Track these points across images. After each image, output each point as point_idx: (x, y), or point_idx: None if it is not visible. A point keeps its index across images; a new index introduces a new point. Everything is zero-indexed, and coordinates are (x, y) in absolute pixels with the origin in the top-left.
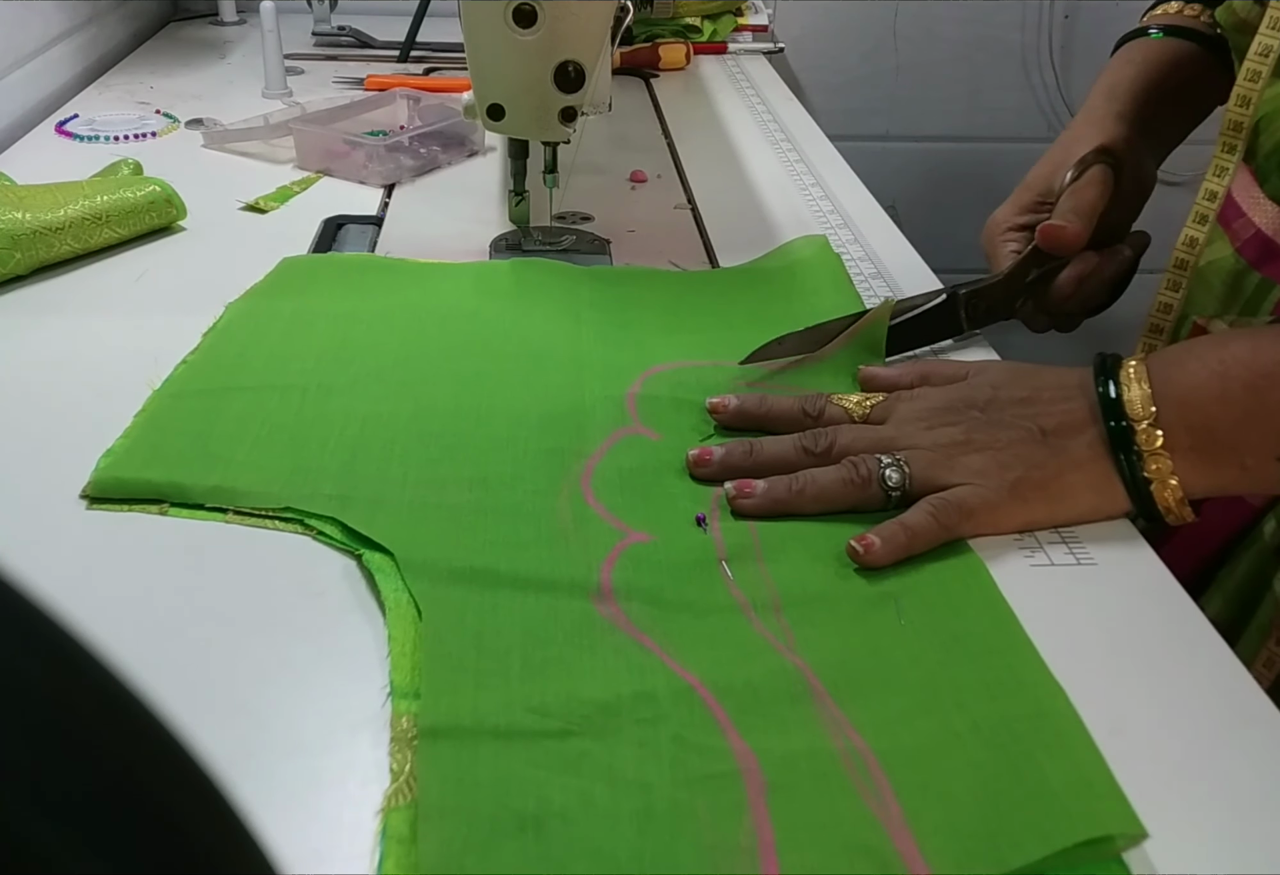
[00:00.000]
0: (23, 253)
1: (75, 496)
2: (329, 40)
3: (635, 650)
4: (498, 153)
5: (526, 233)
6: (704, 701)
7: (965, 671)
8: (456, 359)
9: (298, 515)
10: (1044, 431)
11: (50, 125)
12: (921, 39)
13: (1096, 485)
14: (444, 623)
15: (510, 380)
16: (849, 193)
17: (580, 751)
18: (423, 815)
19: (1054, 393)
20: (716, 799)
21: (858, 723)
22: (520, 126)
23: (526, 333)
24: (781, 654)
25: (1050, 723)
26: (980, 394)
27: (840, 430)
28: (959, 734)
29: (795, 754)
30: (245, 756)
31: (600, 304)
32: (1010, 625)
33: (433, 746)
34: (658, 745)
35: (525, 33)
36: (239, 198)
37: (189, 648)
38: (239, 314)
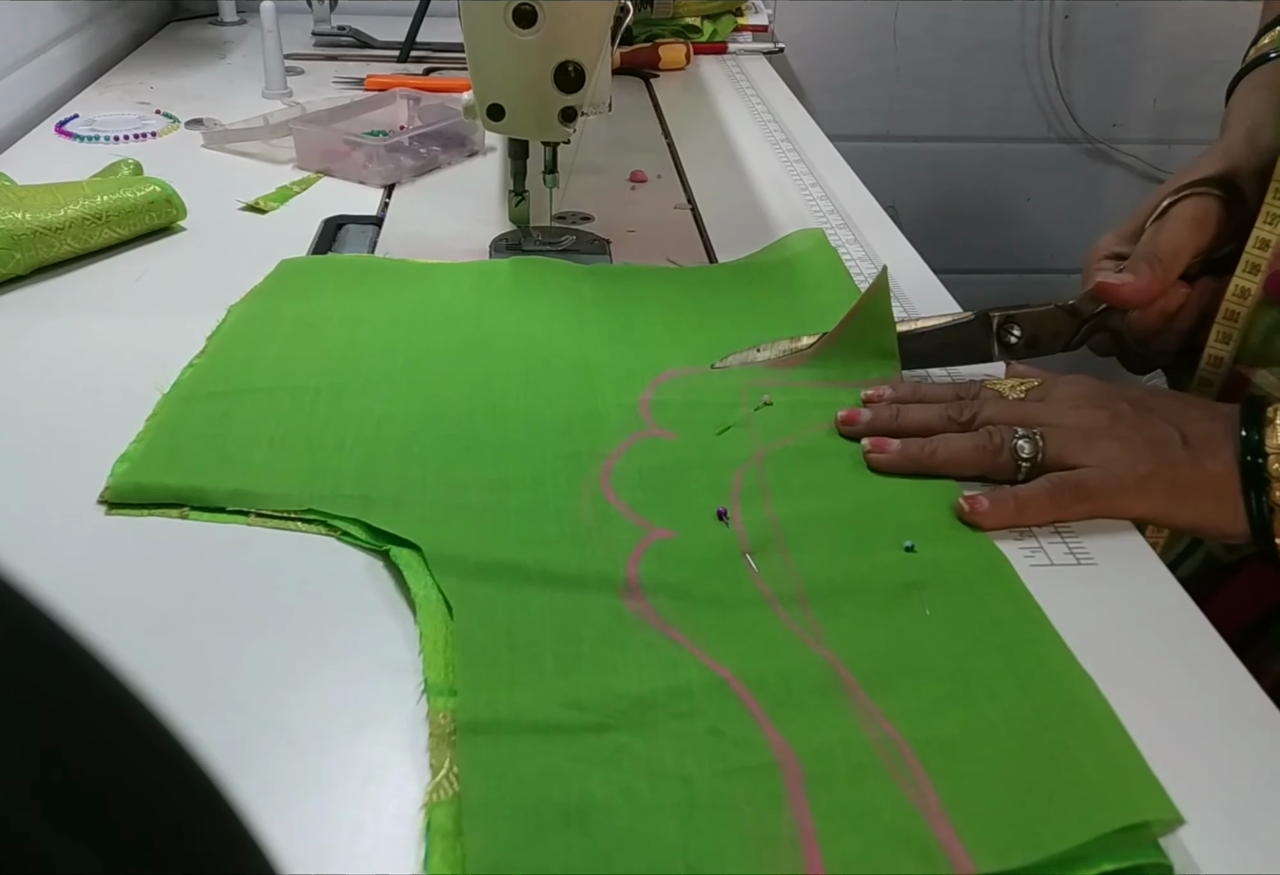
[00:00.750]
0: (23, 253)
1: (90, 501)
2: (329, 40)
3: (666, 644)
4: (498, 153)
5: (526, 233)
6: (738, 694)
7: (994, 661)
8: (465, 359)
9: (321, 516)
10: (1185, 438)
11: (50, 125)
12: (921, 39)
13: (1222, 499)
14: (475, 619)
15: (521, 382)
16: (849, 193)
17: (619, 745)
18: (467, 810)
19: (1204, 411)
20: (756, 790)
21: (890, 713)
22: (520, 127)
23: (532, 332)
24: (810, 646)
25: (1082, 711)
26: (1131, 391)
27: (986, 402)
28: (992, 723)
29: (830, 745)
30: (246, 756)
31: (602, 302)
32: (1036, 616)
33: (473, 742)
34: (695, 738)
35: (525, 33)
36: (239, 198)
37: (205, 650)
38: (242, 316)
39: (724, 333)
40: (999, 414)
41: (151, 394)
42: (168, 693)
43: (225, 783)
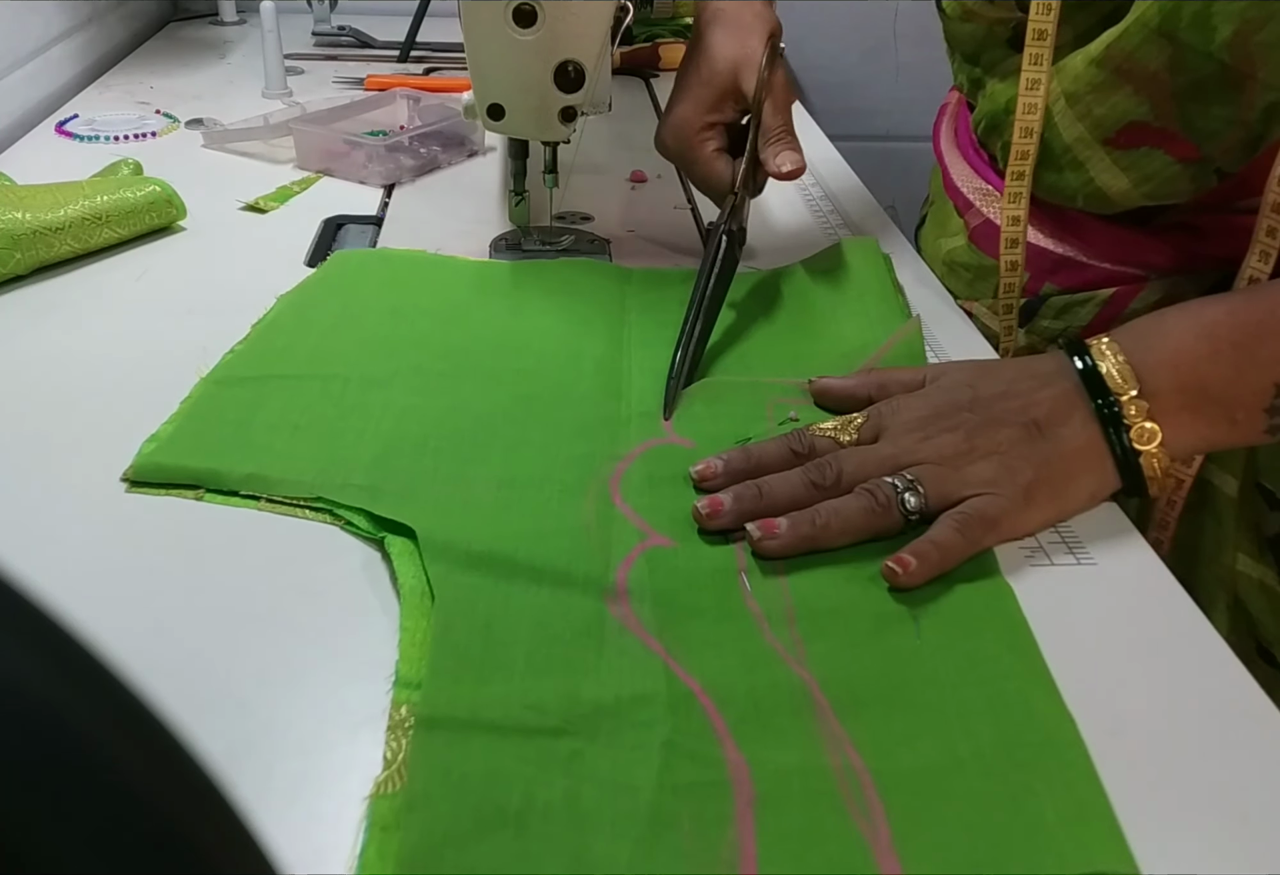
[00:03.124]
0: (23, 252)
1: (115, 479)
2: (329, 40)
3: (641, 652)
4: (497, 153)
5: (526, 233)
6: (704, 708)
7: (975, 694)
8: (495, 357)
9: (327, 505)
10: (1038, 423)
11: (50, 125)
12: (922, 39)
13: (1092, 466)
14: (455, 610)
15: (547, 382)
16: (849, 193)
17: (572, 751)
18: (408, 804)
19: (1030, 383)
20: (702, 808)
21: (858, 740)
22: (520, 126)
23: (568, 333)
24: (789, 665)
25: (1054, 753)
26: (960, 395)
27: (841, 457)
28: (961, 759)
29: (789, 768)
30: (245, 755)
31: (644, 306)
32: (1028, 650)
33: (427, 736)
34: (650, 749)
35: (525, 32)
36: (239, 198)
37: (204, 647)
38: (289, 306)
39: (760, 344)
40: (861, 466)
41: (146, 392)
42: (166, 690)
43: (224, 782)
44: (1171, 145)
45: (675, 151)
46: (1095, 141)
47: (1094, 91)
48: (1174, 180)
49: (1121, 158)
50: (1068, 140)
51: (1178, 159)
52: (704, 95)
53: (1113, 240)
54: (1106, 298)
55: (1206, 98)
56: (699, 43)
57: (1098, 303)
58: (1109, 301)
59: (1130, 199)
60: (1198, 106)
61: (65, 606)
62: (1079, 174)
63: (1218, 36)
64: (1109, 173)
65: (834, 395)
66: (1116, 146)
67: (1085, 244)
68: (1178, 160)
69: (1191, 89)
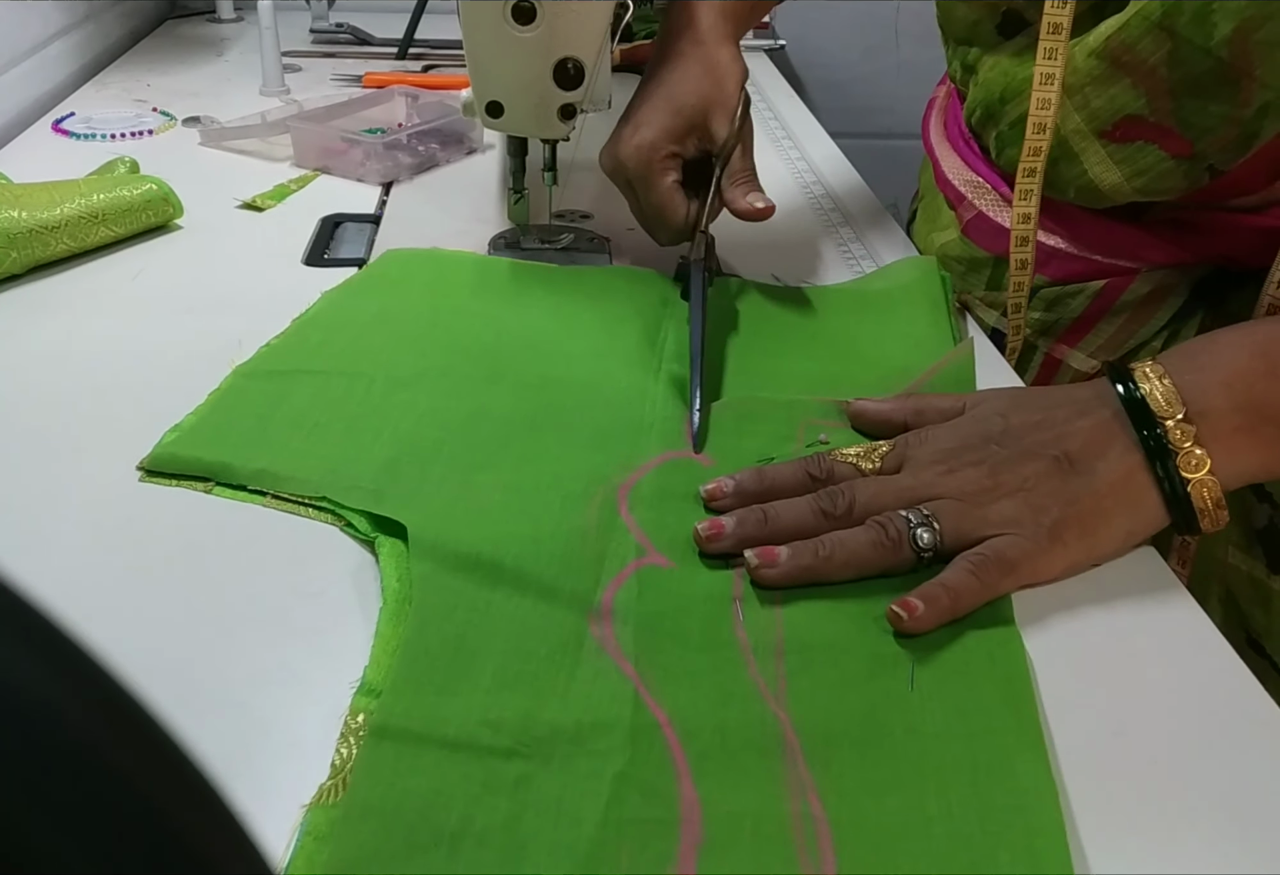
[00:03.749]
0: (19, 251)
1: (132, 468)
2: (327, 37)
3: (614, 677)
4: (496, 150)
5: (525, 231)
6: (666, 741)
7: (958, 749)
8: (525, 361)
9: (331, 506)
10: (1070, 457)
11: (47, 123)
12: (923, 36)
13: (1130, 503)
14: (432, 614)
15: (574, 389)
16: (850, 191)
17: (521, 774)
18: (345, 815)
19: (1068, 410)
20: (645, 845)
21: (823, 788)
22: (519, 124)
23: (604, 339)
24: (766, 702)
25: (1026, 819)
26: (992, 425)
27: (856, 486)
28: (928, 818)
29: (744, 811)
30: (242, 757)
31: (685, 319)
32: (1024, 706)
33: (376, 747)
34: (601, 779)
35: (524, 30)
36: (236, 196)
37: (185, 640)
38: (330, 302)
39: (799, 363)
40: (876, 497)
41: (145, 391)
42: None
43: (222, 785)
44: (1166, 141)
45: (635, 173)
46: (1091, 133)
47: (1093, 83)
48: (1166, 176)
49: (1116, 151)
50: (1064, 131)
51: (1171, 155)
52: (673, 126)
53: (1104, 233)
54: (1098, 290)
55: (1203, 94)
56: (671, 73)
57: (1089, 295)
58: (1100, 293)
59: (1122, 193)
60: (1194, 102)
61: (57, 602)
62: (1072, 166)
63: (1217, 33)
64: (1102, 165)
65: (869, 419)
66: (1112, 140)
67: (1076, 236)
68: (1171, 156)
69: (1189, 84)
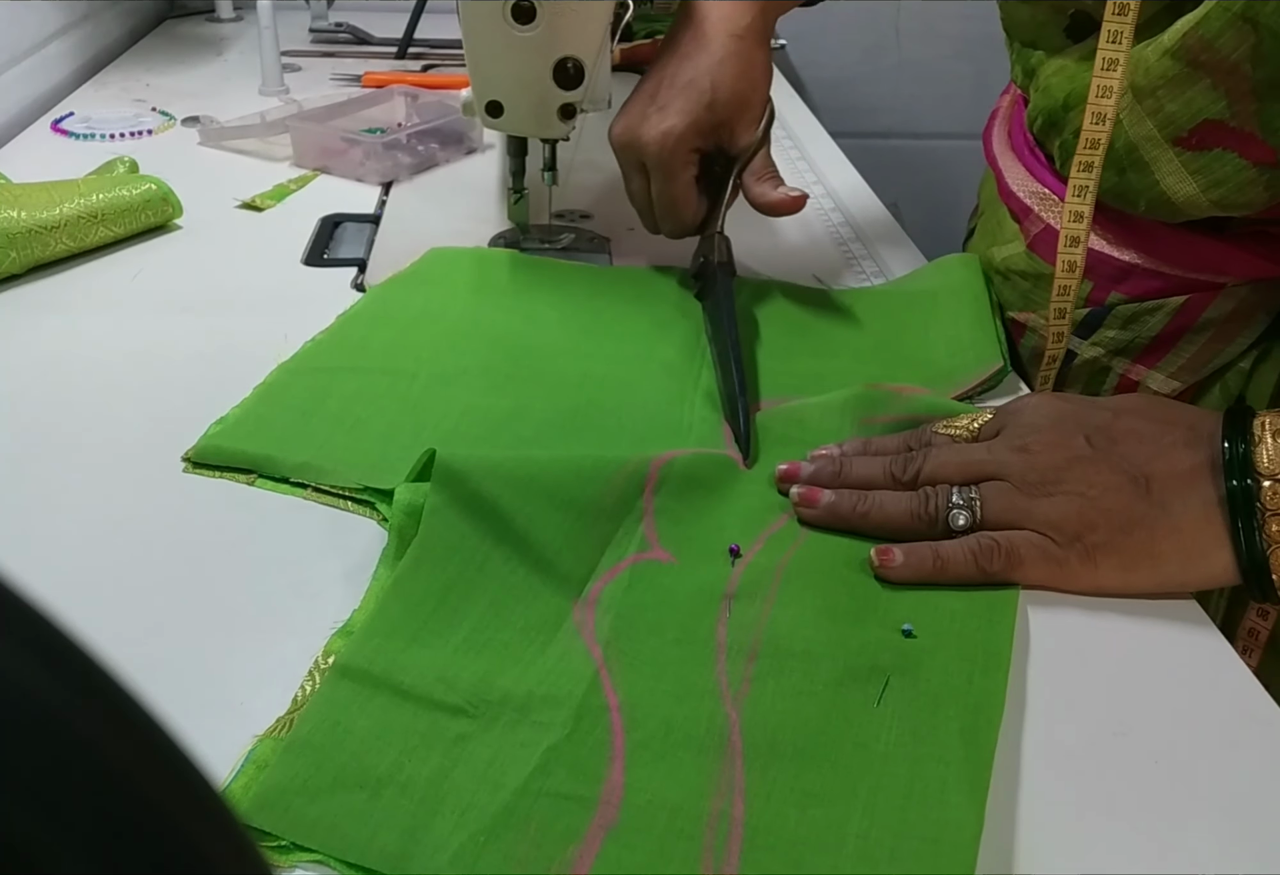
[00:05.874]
0: (18, 251)
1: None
2: (326, 37)
3: (580, 658)
4: (496, 150)
5: (525, 231)
6: (610, 725)
7: (899, 771)
8: (566, 360)
9: (371, 497)
10: (1150, 481)
11: (46, 123)
12: (923, 35)
13: (1191, 553)
14: (428, 557)
15: (614, 388)
16: (851, 190)
17: (460, 733)
18: (287, 746)
19: (1181, 435)
20: (555, 819)
21: (752, 792)
22: (519, 124)
23: (645, 340)
24: (722, 701)
25: (938, 853)
26: (1097, 416)
27: (930, 454)
28: (845, 837)
29: (663, 802)
30: (241, 757)
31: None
32: (982, 743)
33: (334, 685)
34: (534, 750)
35: (524, 29)
36: (235, 196)
37: (204, 645)
38: (375, 299)
39: (842, 364)
40: (940, 468)
41: (144, 391)
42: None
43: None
44: (1247, 147)
45: (655, 160)
46: (1165, 141)
47: (1166, 85)
48: (1246, 187)
49: (1191, 160)
50: (1133, 138)
51: (1253, 163)
52: (703, 121)
53: (1183, 246)
54: (1178, 306)
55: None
56: (705, 61)
57: (1168, 311)
58: (1180, 310)
59: (1197, 206)
60: (1279, 105)
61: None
62: (1143, 176)
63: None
64: (1176, 176)
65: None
66: (1187, 147)
67: (1153, 250)
68: (1253, 164)
69: (1274, 83)
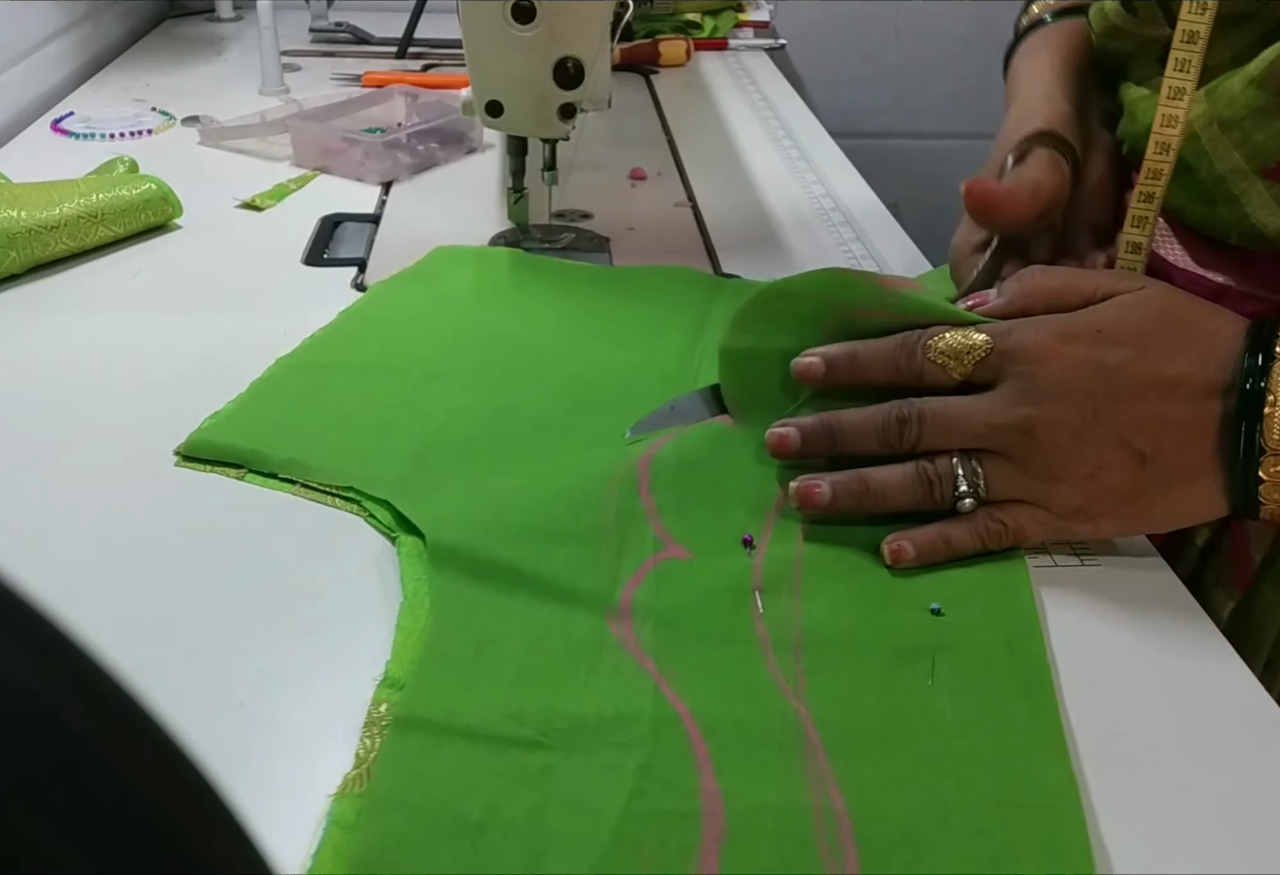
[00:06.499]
0: (18, 251)
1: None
2: (326, 37)
3: (633, 672)
4: (496, 150)
5: (525, 231)
6: (688, 734)
7: (979, 746)
8: (560, 361)
9: (356, 496)
10: (1155, 451)
11: (46, 123)
12: (924, 35)
13: (1183, 503)
14: (452, 620)
15: (605, 390)
16: (851, 190)
17: (544, 766)
18: (370, 805)
19: (1194, 386)
20: (667, 838)
21: (844, 783)
22: (519, 123)
23: (641, 341)
24: (786, 697)
25: (1048, 817)
26: (1105, 370)
27: (928, 419)
28: (948, 812)
29: (766, 805)
30: (241, 757)
31: (727, 321)
32: (1045, 703)
33: (400, 737)
34: (623, 772)
35: (524, 29)
36: (235, 195)
37: (204, 645)
38: (376, 296)
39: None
40: (945, 437)
41: (142, 391)
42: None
43: (222, 784)
44: None
45: (954, 279)
46: (1253, 172)
47: (1253, 116)
48: None
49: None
50: (1221, 171)
51: None
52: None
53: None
54: None
55: None
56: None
57: None
58: None
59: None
60: None
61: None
62: (1232, 209)
63: None
64: (1266, 209)
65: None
66: (1276, 179)
67: (1247, 273)
68: None
69: None
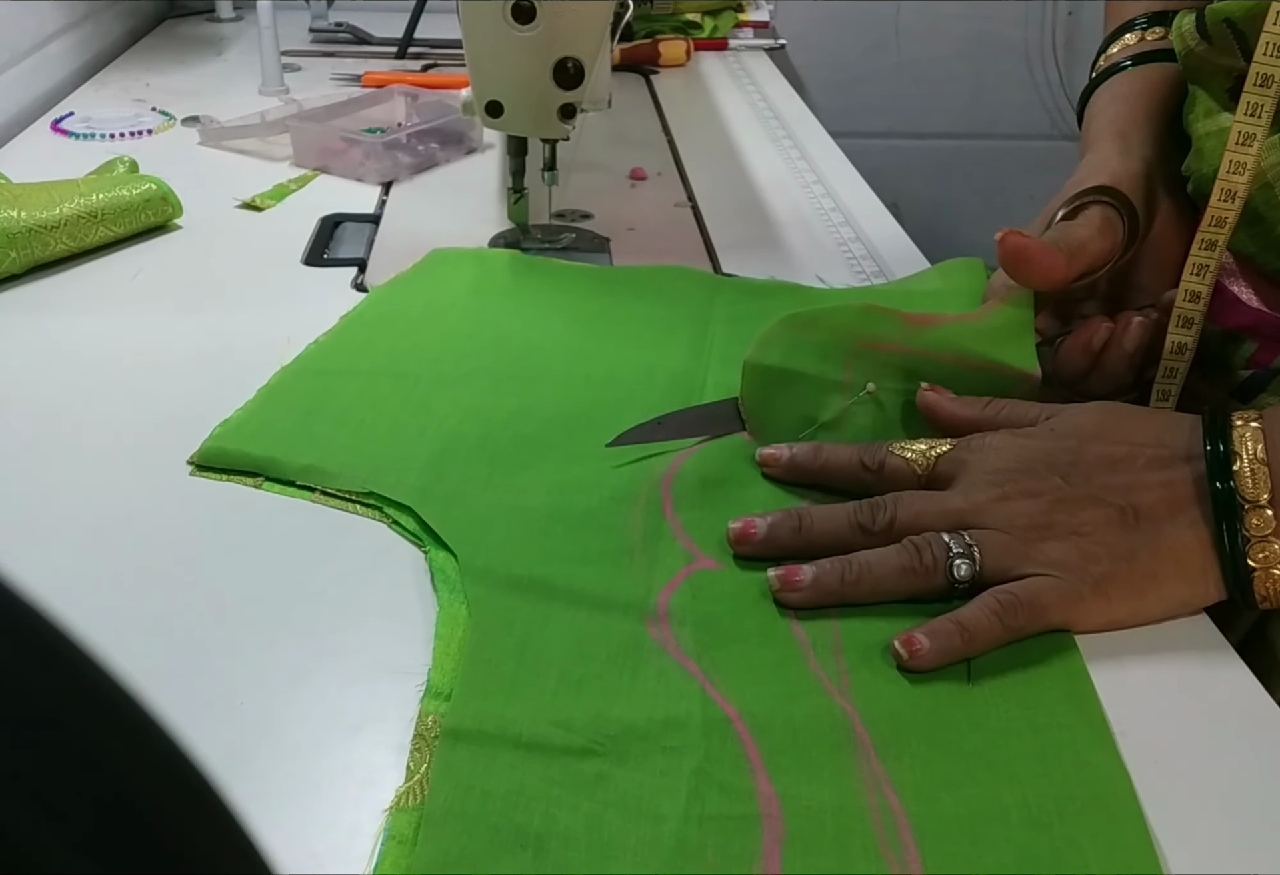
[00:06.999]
0: (18, 251)
1: (183, 462)
2: (326, 37)
3: (678, 675)
4: (496, 150)
5: (525, 231)
6: (739, 736)
7: (1026, 742)
8: (570, 362)
9: (378, 502)
10: (1137, 511)
11: (46, 123)
12: (924, 35)
13: (1188, 574)
14: (491, 629)
15: (617, 390)
16: (851, 190)
17: (598, 773)
18: (427, 819)
19: (1154, 454)
20: (728, 841)
21: (898, 781)
22: (519, 124)
23: (650, 342)
24: (832, 696)
25: (1105, 807)
26: (1063, 451)
27: (901, 501)
28: (1005, 808)
29: (823, 805)
30: (241, 758)
31: (732, 319)
32: (1086, 699)
33: (452, 749)
34: (679, 776)
35: (524, 29)
36: (235, 196)
37: (206, 646)
38: (377, 301)
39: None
40: (919, 517)
41: (141, 391)
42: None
43: (221, 785)
44: None
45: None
46: None
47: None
48: None
49: None
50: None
51: None
52: None
53: None
54: None
55: None
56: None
57: None
58: None
59: None
60: None
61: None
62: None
63: None
64: None
65: (940, 419)
66: None
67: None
68: None
69: None
